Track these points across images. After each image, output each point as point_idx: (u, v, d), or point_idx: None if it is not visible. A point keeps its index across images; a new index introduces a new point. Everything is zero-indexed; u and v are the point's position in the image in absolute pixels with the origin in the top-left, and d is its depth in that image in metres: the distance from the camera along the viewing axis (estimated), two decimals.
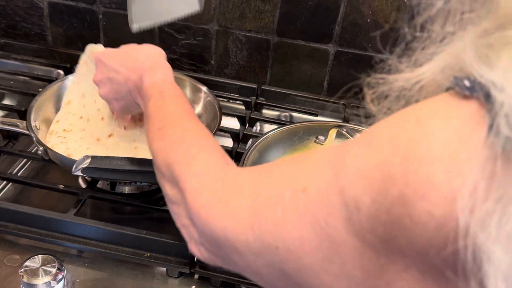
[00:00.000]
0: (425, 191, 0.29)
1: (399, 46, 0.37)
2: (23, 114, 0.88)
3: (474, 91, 0.29)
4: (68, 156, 0.78)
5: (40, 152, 0.78)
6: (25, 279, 0.58)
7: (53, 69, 1.10)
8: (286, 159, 0.46)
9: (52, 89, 0.90)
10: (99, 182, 0.81)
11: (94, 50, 0.84)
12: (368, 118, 0.38)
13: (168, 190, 0.53)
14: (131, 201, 0.79)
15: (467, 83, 0.29)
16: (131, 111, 0.78)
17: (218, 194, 0.46)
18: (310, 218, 0.36)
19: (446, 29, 0.34)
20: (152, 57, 0.71)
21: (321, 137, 0.87)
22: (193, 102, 0.96)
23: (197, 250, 0.49)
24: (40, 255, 0.60)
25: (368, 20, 1.00)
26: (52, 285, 0.58)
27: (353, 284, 0.35)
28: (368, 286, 0.34)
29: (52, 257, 0.60)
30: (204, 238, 0.47)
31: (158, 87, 0.65)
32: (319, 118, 1.03)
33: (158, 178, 0.56)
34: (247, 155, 0.78)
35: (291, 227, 0.37)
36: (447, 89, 0.31)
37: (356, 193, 0.33)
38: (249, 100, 1.03)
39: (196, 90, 0.95)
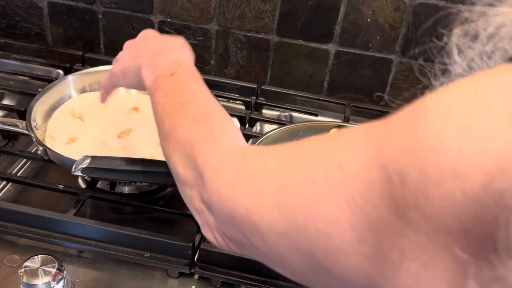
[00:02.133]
0: (481, 163, 0.26)
1: None
2: (23, 114, 0.88)
3: None
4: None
5: (40, 152, 0.78)
6: (24, 279, 0.58)
7: (53, 69, 1.09)
8: (315, 137, 0.41)
9: (52, 89, 0.90)
10: (99, 182, 0.81)
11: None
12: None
13: (181, 170, 0.50)
14: (131, 201, 0.79)
15: None
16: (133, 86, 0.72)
17: (240, 172, 0.43)
18: (345, 195, 0.33)
19: None
20: (176, 42, 0.68)
21: None
22: None
23: (211, 235, 0.48)
24: (40, 255, 0.60)
25: (368, 20, 1.00)
26: (52, 285, 0.58)
27: (386, 266, 0.32)
28: (404, 268, 0.31)
29: (52, 257, 0.60)
30: (221, 220, 0.45)
31: (184, 66, 0.63)
32: (319, 118, 1.03)
33: (169, 153, 0.53)
34: None
35: (323, 204, 0.35)
36: (510, 59, 0.29)
37: (402, 166, 0.30)
38: (249, 100, 1.03)
39: None
